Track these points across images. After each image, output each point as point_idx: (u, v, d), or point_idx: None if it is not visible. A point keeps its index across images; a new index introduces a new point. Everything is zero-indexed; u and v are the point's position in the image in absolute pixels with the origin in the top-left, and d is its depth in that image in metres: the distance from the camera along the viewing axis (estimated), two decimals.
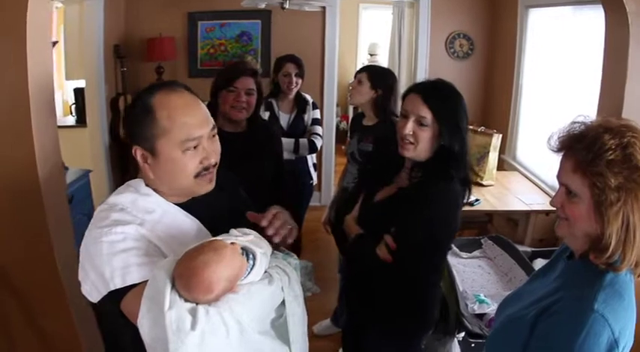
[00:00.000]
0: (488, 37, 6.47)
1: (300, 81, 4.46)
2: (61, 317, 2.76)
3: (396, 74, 7.05)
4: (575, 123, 1.53)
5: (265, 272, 1.62)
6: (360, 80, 3.63)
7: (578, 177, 1.45)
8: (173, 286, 1.39)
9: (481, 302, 3.05)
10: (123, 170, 6.28)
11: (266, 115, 4.41)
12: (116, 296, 1.50)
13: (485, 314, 2.95)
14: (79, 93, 6.35)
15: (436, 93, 2.17)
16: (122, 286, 1.48)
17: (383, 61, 8.52)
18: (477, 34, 6.48)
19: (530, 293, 1.71)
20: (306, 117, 4.55)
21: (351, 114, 9.46)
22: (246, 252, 1.54)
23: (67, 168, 4.62)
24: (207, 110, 1.70)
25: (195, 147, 1.62)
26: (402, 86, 7.01)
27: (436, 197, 2.14)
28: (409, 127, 2.16)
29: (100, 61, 5.81)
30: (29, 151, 2.49)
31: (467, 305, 3.01)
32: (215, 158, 1.69)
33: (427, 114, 2.13)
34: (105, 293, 1.51)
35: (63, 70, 6.64)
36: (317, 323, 4.26)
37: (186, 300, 1.39)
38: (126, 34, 6.34)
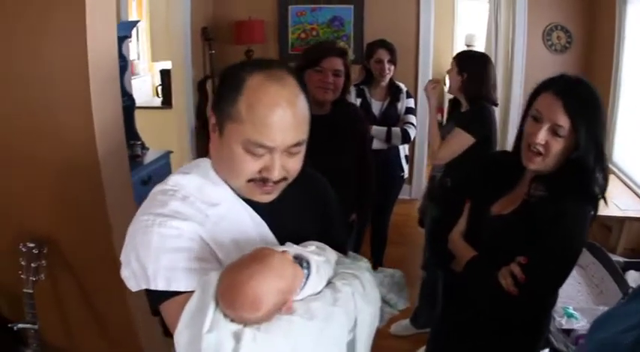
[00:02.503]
0: (586, 28, 6.06)
1: (392, 67, 4.22)
2: (115, 298, 2.68)
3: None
4: None
5: (330, 283, 1.36)
6: (451, 67, 3.39)
7: None
8: (218, 304, 1.19)
9: (569, 316, 2.83)
10: (208, 153, 6.18)
11: (358, 102, 4.25)
12: (156, 297, 1.33)
13: (572, 330, 2.72)
14: (165, 74, 6.40)
15: (578, 98, 1.79)
16: (164, 290, 1.30)
17: None
18: (574, 26, 6.08)
19: (626, 315, 1.37)
20: (399, 105, 4.32)
21: (446, 106, 9.20)
22: (300, 260, 1.29)
23: (147, 149, 4.64)
24: (303, 117, 1.39)
25: (260, 155, 1.35)
26: (499, 81, 6.77)
27: (573, 220, 1.81)
28: (542, 136, 1.80)
29: (187, 43, 5.82)
30: (88, 128, 2.40)
31: (554, 318, 2.76)
32: (281, 176, 1.39)
33: (565, 123, 1.76)
34: (144, 287, 1.33)
35: (149, 52, 6.69)
36: (395, 323, 4.01)
37: (232, 320, 1.17)
38: (214, 16, 6.34)
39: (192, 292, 1.24)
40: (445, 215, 2.18)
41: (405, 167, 4.56)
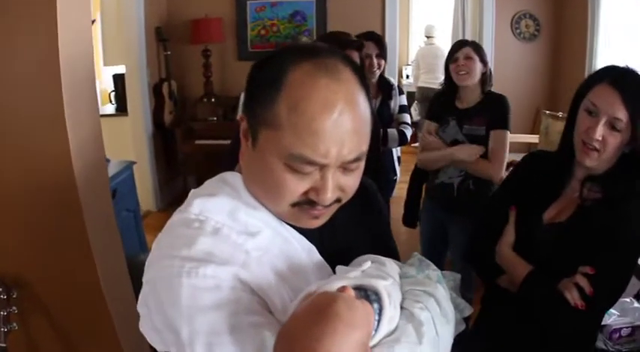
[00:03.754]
0: (554, 17, 6.12)
1: (382, 62, 3.89)
2: (106, 343, 2.30)
3: None
4: None
5: (403, 309, 1.02)
6: (468, 56, 3.07)
7: None
8: None
9: None
10: (168, 160, 6.25)
11: None
12: None
13: (605, 325, 2.56)
14: (118, 79, 6.10)
15: (636, 89, 1.69)
16: None
17: (442, 44, 8.35)
18: (542, 14, 6.12)
19: None
20: (392, 103, 3.99)
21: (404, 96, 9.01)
22: (364, 291, 0.95)
23: (108, 161, 4.24)
24: (365, 122, 1.04)
25: (307, 173, 1.02)
26: None
27: (636, 223, 1.72)
28: (600, 131, 1.69)
29: (141, 44, 5.58)
30: (62, 142, 2.02)
31: None
32: (334, 197, 1.05)
33: (623, 117, 1.66)
34: None
35: (100, 56, 6.33)
36: None
37: None
38: (168, 15, 6.11)
39: None
40: (483, 225, 2.05)
41: (398, 169, 4.31)
